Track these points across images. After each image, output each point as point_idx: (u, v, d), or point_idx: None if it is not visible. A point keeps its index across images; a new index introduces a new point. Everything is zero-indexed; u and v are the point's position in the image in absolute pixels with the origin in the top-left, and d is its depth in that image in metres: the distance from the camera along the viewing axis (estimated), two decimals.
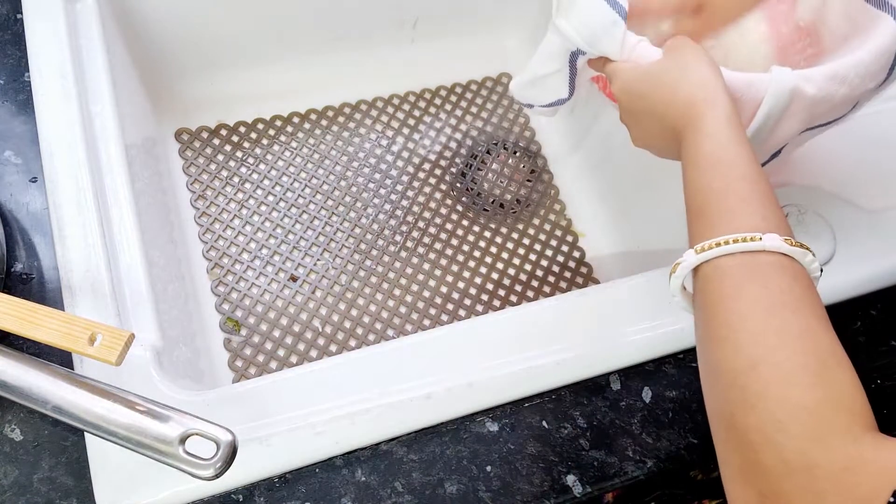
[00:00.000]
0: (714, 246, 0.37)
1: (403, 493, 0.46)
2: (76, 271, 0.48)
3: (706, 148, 0.40)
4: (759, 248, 0.36)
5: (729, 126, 0.40)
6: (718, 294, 0.37)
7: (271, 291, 0.72)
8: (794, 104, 0.46)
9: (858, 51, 0.48)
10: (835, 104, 0.48)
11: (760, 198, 0.38)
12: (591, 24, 0.47)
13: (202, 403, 0.45)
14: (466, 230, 0.78)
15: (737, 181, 0.38)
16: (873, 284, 0.57)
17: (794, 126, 0.48)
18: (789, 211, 0.57)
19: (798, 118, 0.47)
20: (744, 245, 0.36)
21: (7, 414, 0.45)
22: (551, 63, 0.53)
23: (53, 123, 0.53)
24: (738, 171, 0.39)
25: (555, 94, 0.56)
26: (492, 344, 0.50)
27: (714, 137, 0.40)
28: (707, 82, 0.42)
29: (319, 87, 0.82)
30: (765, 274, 0.36)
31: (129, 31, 0.68)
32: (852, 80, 0.47)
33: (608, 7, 0.47)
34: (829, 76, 0.46)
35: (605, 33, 0.47)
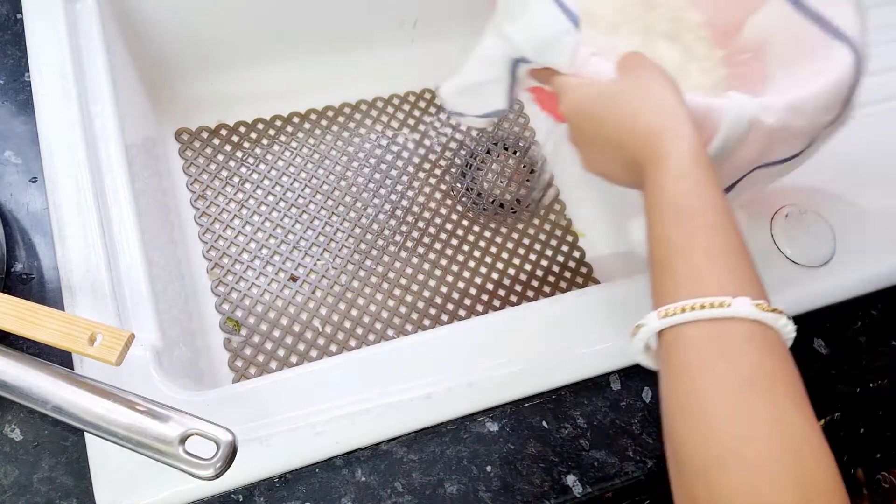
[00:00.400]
0: (678, 311, 0.33)
1: (403, 493, 0.46)
2: (76, 271, 0.48)
3: (670, 192, 0.36)
4: (728, 315, 0.32)
5: (696, 165, 0.36)
6: (683, 369, 0.33)
7: (271, 291, 0.72)
8: (753, 133, 0.43)
9: (816, 82, 0.46)
10: (792, 136, 0.46)
11: (730, 252, 0.34)
12: (541, 31, 0.43)
13: (202, 403, 0.45)
14: (466, 230, 0.78)
15: (704, 232, 0.35)
16: (873, 284, 0.57)
17: (750, 155, 0.45)
18: (789, 211, 0.57)
19: (755, 148, 0.45)
20: (710, 312, 0.32)
21: (7, 414, 0.45)
22: (489, 70, 0.49)
23: (53, 123, 0.53)
24: (705, 219, 0.35)
25: (490, 104, 0.51)
26: (492, 344, 0.50)
27: (679, 180, 0.36)
28: (670, 110, 0.38)
29: (319, 87, 0.82)
30: (733, 347, 0.32)
31: (129, 31, 0.68)
32: (810, 113, 0.45)
33: (561, 13, 0.43)
34: (789, 107, 0.44)
35: (557, 41, 0.43)
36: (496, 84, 0.49)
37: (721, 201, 0.35)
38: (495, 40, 0.46)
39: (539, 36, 0.43)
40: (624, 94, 0.40)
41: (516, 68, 0.47)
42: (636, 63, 0.41)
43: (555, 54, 0.43)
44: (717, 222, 0.35)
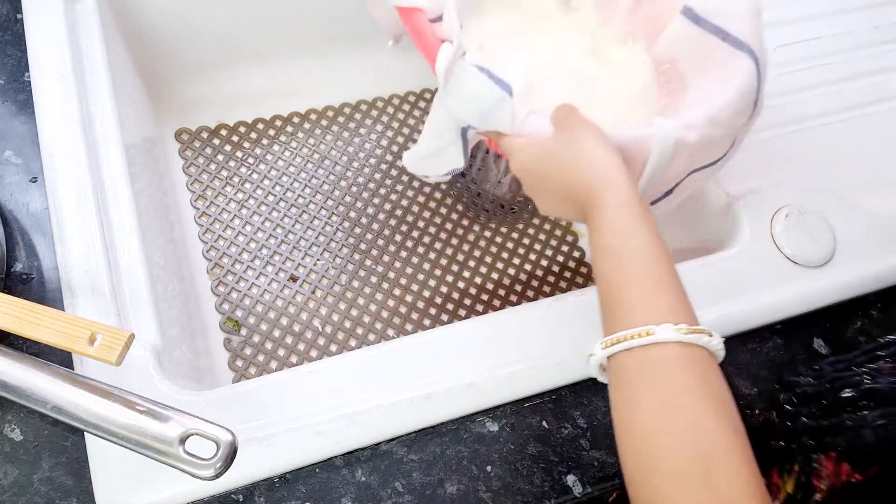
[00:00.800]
0: (614, 343, 0.38)
1: (403, 493, 0.46)
2: (76, 271, 0.48)
3: (606, 236, 0.41)
4: (654, 341, 0.36)
5: (628, 208, 0.41)
6: (618, 393, 0.38)
7: (271, 291, 0.72)
8: (679, 150, 0.48)
9: (723, 94, 0.51)
10: (713, 144, 0.52)
11: (658, 285, 0.39)
12: (480, 103, 0.48)
13: (202, 403, 0.45)
14: (466, 230, 0.78)
15: (634, 270, 0.39)
16: (873, 284, 0.57)
17: (679, 169, 0.51)
18: (789, 211, 0.57)
19: (683, 160, 0.50)
20: (638, 341, 0.37)
21: (7, 414, 0.45)
22: (443, 137, 0.53)
23: (53, 123, 0.53)
24: (635, 257, 0.40)
25: (449, 164, 0.56)
26: (492, 344, 0.50)
27: (613, 224, 0.41)
28: (603, 162, 0.43)
29: (319, 87, 0.82)
30: (657, 370, 0.36)
31: (129, 31, 0.68)
32: (725, 122, 0.50)
33: (494, 85, 0.47)
34: (707, 121, 0.49)
35: (495, 110, 0.48)
36: (451, 147, 0.54)
37: (650, 238, 0.40)
38: (443, 112, 0.51)
39: (479, 107, 0.48)
40: (562, 152, 0.45)
41: (466, 132, 0.52)
42: (567, 116, 0.46)
43: (496, 120, 0.48)
44: (645, 260, 0.39)
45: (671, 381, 0.36)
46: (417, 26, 0.50)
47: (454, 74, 0.48)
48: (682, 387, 0.36)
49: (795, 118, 0.64)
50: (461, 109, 0.49)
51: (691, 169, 0.54)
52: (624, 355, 0.38)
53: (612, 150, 0.44)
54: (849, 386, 0.43)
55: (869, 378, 0.41)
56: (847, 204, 0.59)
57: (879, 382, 0.41)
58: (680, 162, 0.50)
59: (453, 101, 0.49)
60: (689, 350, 0.37)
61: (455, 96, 0.49)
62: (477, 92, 0.48)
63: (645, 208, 0.41)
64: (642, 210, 0.41)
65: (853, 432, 0.40)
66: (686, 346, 0.36)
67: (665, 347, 0.36)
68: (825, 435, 0.42)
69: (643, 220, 0.41)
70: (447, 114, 0.51)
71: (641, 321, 0.37)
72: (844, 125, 0.64)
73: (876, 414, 0.39)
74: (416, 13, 0.50)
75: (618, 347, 0.37)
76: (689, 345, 0.37)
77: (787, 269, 0.55)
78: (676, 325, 0.37)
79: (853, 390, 0.42)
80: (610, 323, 0.40)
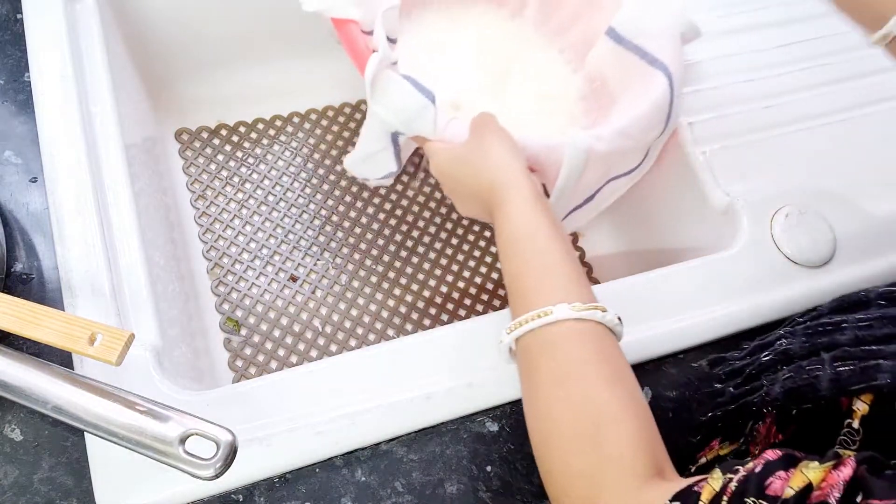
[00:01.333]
0: (517, 326, 0.41)
1: (403, 493, 0.46)
2: (76, 271, 0.48)
3: (507, 231, 0.44)
4: (552, 320, 0.39)
5: (527, 205, 0.44)
6: (523, 370, 0.41)
7: (271, 291, 0.72)
8: (591, 159, 0.52)
9: (638, 107, 0.55)
10: (625, 154, 0.57)
11: (554, 270, 0.42)
12: (404, 110, 0.51)
13: (202, 403, 0.45)
14: (466, 230, 0.78)
15: (533, 259, 0.42)
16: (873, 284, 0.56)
17: (594, 177, 0.56)
18: (789, 211, 0.58)
19: (596, 170, 0.55)
20: (538, 322, 0.40)
21: (7, 414, 0.45)
22: (377, 142, 0.57)
23: (53, 123, 0.53)
24: (532, 247, 0.43)
25: (385, 167, 0.60)
26: (492, 343, 0.50)
27: (512, 220, 0.44)
28: (506, 165, 0.46)
29: (319, 87, 0.82)
30: (555, 346, 0.39)
31: (129, 31, 0.68)
32: (635, 134, 0.55)
33: (418, 93, 0.51)
34: (617, 132, 0.53)
35: (418, 116, 0.51)
36: (385, 152, 0.57)
37: (547, 229, 0.43)
38: (374, 120, 0.54)
39: (403, 113, 0.51)
40: (471, 155, 0.49)
41: (397, 138, 0.55)
42: (481, 124, 0.50)
43: (419, 126, 0.52)
44: (543, 248, 0.43)
45: (568, 355, 0.39)
46: (350, 36, 0.53)
47: (380, 82, 0.51)
48: (577, 359, 0.39)
49: (795, 118, 0.64)
50: (388, 116, 0.52)
51: (609, 177, 0.59)
52: (527, 337, 0.40)
53: (517, 156, 0.47)
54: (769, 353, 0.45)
55: (785, 341, 0.43)
56: (847, 204, 0.59)
57: (793, 344, 0.43)
58: (594, 170, 0.54)
59: (379, 108, 0.52)
60: (584, 325, 0.39)
61: (381, 104, 0.52)
62: (401, 99, 0.51)
63: (543, 205, 0.45)
64: (541, 206, 0.44)
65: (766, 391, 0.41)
66: (582, 322, 0.39)
67: (562, 325, 0.39)
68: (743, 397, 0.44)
69: (541, 214, 0.44)
70: (377, 120, 0.53)
71: (540, 304, 0.40)
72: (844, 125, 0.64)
73: (785, 371, 0.41)
74: (350, 24, 0.53)
75: (521, 330, 0.40)
76: (584, 321, 0.39)
77: (787, 269, 0.55)
78: (571, 303, 0.39)
79: (771, 354, 0.44)
80: (514, 309, 0.42)
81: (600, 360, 0.39)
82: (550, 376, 0.39)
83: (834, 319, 0.42)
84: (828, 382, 0.38)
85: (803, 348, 0.42)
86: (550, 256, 0.42)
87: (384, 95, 0.51)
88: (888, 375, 0.35)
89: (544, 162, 0.52)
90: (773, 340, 0.46)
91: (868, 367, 0.37)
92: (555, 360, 0.39)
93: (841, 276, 0.56)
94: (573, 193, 0.56)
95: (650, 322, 0.52)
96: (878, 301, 0.42)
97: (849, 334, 0.40)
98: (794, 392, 0.40)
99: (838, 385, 0.37)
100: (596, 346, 0.39)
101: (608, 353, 0.39)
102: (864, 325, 0.40)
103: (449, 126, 0.51)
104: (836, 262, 0.56)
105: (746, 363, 0.47)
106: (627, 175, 0.60)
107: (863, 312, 0.41)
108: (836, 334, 0.41)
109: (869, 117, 0.64)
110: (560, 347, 0.39)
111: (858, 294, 0.43)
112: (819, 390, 0.38)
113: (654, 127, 0.56)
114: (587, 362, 0.38)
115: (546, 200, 0.46)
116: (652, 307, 0.53)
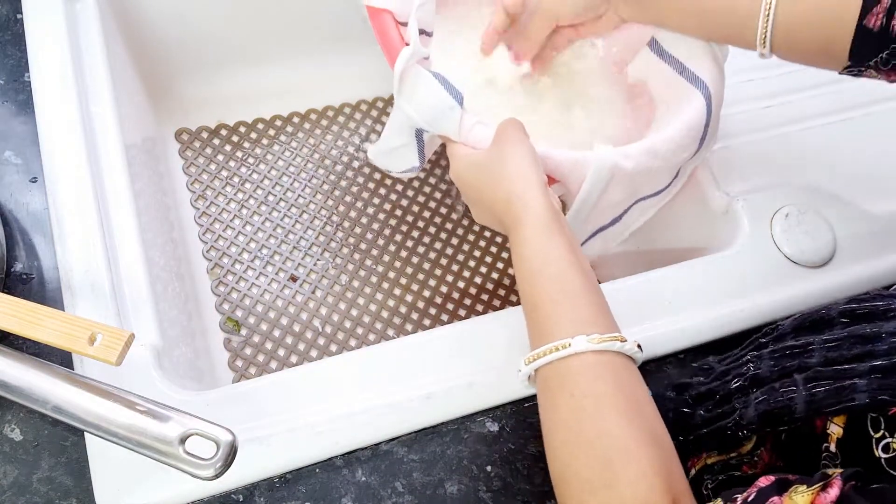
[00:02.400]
0: (535, 358, 0.40)
1: (404, 493, 0.46)
2: (76, 271, 0.48)
3: (523, 253, 0.43)
4: (570, 353, 0.38)
5: (542, 227, 0.43)
6: (542, 404, 0.41)
7: (271, 291, 0.72)
8: (616, 178, 0.51)
9: (670, 126, 0.53)
10: (653, 174, 0.54)
11: (573, 298, 0.41)
12: (431, 108, 0.50)
13: (202, 403, 0.45)
14: (466, 230, 0.78)
15: (549, 285, 0.41)
16: (873, 284, 0.57)
17: (617, 196, 0.53)
18: (789, 211, 0.58)
19: (620, 189, 0.53)
20: (556, 354, 0.39)
21: (7, 414, 0.45)
22: (400, 137, 0.56)
23: (53, 123, 0.53)
24: (548, 273, 0.42)
25: (408, 162, 0.59)
26: (492, 343, 0.50)
27: (529, 242, 0.43)
28: (523, 178, 0.45)
29: (319, 87, 0.82)
30: (572, 379, 0.39)
31: (129, 31, 0.68)
32: (664, 154, 0.52)
33: (446, 93, 0.50)
34: (644, 151, 0.51)
35: (443, 117, 0.50)
36: (408, 147, 0.56)
37: (563, 254, 0.42)
38: (400, 114, 0.53)
39: (430, 112, 0.50)
40: (490, 164, 0.47)
41: (421, 135, 0.54)
42: (506, 131, 0.48)
43: (444, 126, 0.51)
44: (558, 275, 0.41)
45: (584, 390, 0.38)
46: (383, 27, 0.52)
47: (409, 78, 0.50)
48: (594, 394, 0.38)
49: (795, 118, 0.64)
50: (413, 113, 0.51)
51: (637, 197, 0.56)
52: (546, 368, 0.40)
53: (537, 169, 0.45)
54: (737, 377, 0.44)
55: (752, 365, 0.43)
56: (847, 204, 0.59)
57: (761, 368, 0.42)
58: (619, 188, 0.52)
59: (406, 104, 0.51)
60: (603, 357, 0.39)
61: (408, 99, 0.51)
62: (428, 97, 0.50)
63: (558, 225, 0.43)
64: (558, 227, 0.43)
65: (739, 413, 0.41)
66: (600, 354, 0.39)
67: (580, 358, 0.38)
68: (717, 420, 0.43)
69: (558, 237, 0.43)
70: (403, 115, 0.53)
71: (558, 335, 0.39)
72: (844, 125, 0.64)
73: (757, 393, 0.41)
74: (384, 14, 0.52)
75: (539, 362, 0.40)
76: (603, 352, 0.39)
77: (787, 269, 0.56)
78: (589, 335, 0.38)
79: (740, 380, 0.44)
80: (532, 338, 0.42)
81: (617, 393, 0.38)
82: (567, 412, 0.38)
83: (800, 341, 0.41)
84: (803, 404, 0.37)
85: (773, 372, 0.41)
86: (567, 284, 0.41)
87: (412, 92, 0.51)
88: (866, 395, 0.35)
89: (568, 175, 0.51)
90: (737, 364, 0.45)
91: (843, 388, 0.36)
92: (572, 396, 0.38)
93: (841, 276, 0.56)
94: (599, 212, 0.55)
95: (650, 322, 0.52)
96: (841, 319, 0.41)
97: (818, 356, 0.39)
98: (768, 415, 0.39)
99: (814, 406, 0.37)
100: (613, 378, 0.38)
101: (626, 385, 0.39)
102: (831, 345, 0.39)
103: (473, 130, 0.50)
104: (836, 262, 0.56)
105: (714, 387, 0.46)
106: (656, 196, 0.58)
107: (828, 332, 0.41)
108: (805, 357, 0.40)
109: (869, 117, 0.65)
110: (577, 382, 0.38)
111: (819, 312, 0.43)
112: (794, 412, 0.38)
113: (686, 148, 0.54)
114: (604, 396, 0.38)
115: (563, 220, 0.44)
116: (652, 307, 0.53)
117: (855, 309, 0.41)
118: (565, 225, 0.44)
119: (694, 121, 0.54)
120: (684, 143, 0.53)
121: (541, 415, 0.41)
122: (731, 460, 0.44)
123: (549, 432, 0.39)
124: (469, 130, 0.50)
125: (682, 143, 0.53)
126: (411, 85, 0.50)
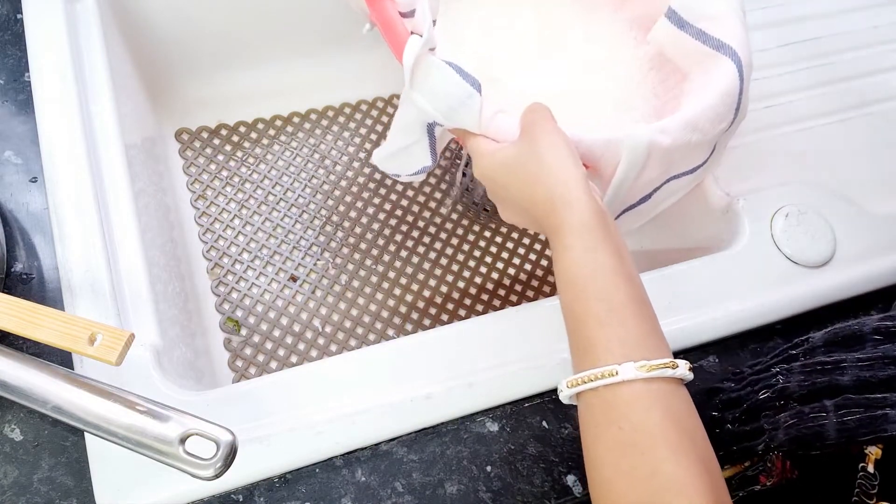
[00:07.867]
0: (579, 382, 0.37)
1: (404, 493, 0.46)
2: (76, 271, 0.48)
3: (565, 262, 0.40)
4: (617, 381, 0.36)
5: (587, 232, 0.39)
6: (585, 432, 0.38)
7: (271, 291, 0.72)
8: (653, 154, 0.47)
9: (706, 97, 0.49)
10: (691, 149, 0.50)
11: (617, 318, 0.38)
12: (448, 97, 0.46)
13: (202, 403, 0.45)
14: (466, 230, 0.78)
15: (595, 304, 0.38)
16: (873, 284, 0.57)
17: (654, 174, 0.49)
18: (789, 211, 0.58)
19: (657, 167, 0.48)
20: (601, 381, 0.36)
21: (7, 414, 0.45)
22: (410, 134, 0.52)
23: (53, 123, 0.53)
24: (595, 288, 0.38)
25: (419, 162, 0.55)
26: (492, 344, 0.50)
27: (572, 250, 0.39)
28: (562, 176, 0.41)
29: (320, 87, 0.82)
30: (621, 412, 0.36)
31: (129, 31, 0.68)
32: (703, 126, 0.49)
33: (462, 81, 0.46)
34: (683, 125, 0.48)
35: (461, 106, 0.46)
36: (419, 145, 0.52)
37: (611, 264, 0.39)
38: (410, 108, 0.49)
39: (445, 102, 0.46)
40: (525, 163, 0.43)
41: (433, 129, 0.50)
42: (533, 122, 0.43)
43: (462, 117, 0.46)
44: (605, 290, 0.38)
45: (634, 424, 0.36)
46: (386, 16, 0.48)
47: (421, 68, 0.46)
48: (644, 428, 0.35)
49: (795, 118, 0.64)
50: (427, 105, 0.47)
51: (669, 175, 0.52)
52: (590, 394, 0.37)
53: (576, 163, 0.42)
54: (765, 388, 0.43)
55: (782, 378, 0.42)
56: (847, 204, 0.59)
57: (790, 382, 0.41)
58: (655, 167, 0.48)
59: (418, 96, 0.47)
60: (653, 386, 0.36)
61: (421, 91, 0.47)
62: (444, 87, 0.46)
63: (606, 229, 0.40)
64: (604, 232, 0.40)
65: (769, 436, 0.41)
66: (650, 382, 0.36)
67: (629, 386, 0.36)
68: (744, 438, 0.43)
69: (604, 245, 0.39)
70: (413, 109, 0.49)
71: (604, 360, 0.37)
72: (844, 125, 0.64)
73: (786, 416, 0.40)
74: (386, 2, 0.48)
75: (582, 387, 0.37)
76: (653, 380, 0.36)
77: (787, 269, 0.56)
78: (638, 362, 0.36)
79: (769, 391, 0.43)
80: (576, 358, 0.39)
81: (668, 425, 0.35)
82: (615, 445, 0.36)
83: (831, 357, 0.40)
84: (835, 432, 0.37)
85: (802, 387, 0.40)
86: (615, 300, 0.38)
87: (425, 82, 0.46)
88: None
89: (599, 158, 0.47)
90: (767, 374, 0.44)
91: (875, 417, 0.35)
92: (619, 429, 0.36)
93: (841, 276, 0.56)
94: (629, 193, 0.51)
95: None
96: (873, 336, 0.40)
97: (850, 375, 0.38)
98: (799, 440, 0.38)
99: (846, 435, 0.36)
100: (664, 408, 0.36)
101: (677, 415, 0.36)
102: (864, 365, 0.38)
103: (495, 119, 0.46)
104: (836, 262, 0.56)
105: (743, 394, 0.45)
106: (691, 173, 0.53)
107: (860, 350, 0.40)
108: (836, 374, 0.39)
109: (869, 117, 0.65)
110: (625, 414, 0.36)
111: (852, 327, 0.41)
112: (826, 439, 0.37)
113: (724, 118, 0.50)
114: (655, 428, 0.35)
115: (609, 221, 0.41)
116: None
117: (889, 326, 0.40)
118: (612, 225, 0.41)
119: (727, 88, 0.50)
120: (721, 112, 0.49)
121: (583, 440, 0.38)
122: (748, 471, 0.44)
123: (595, 464, 0.37)
124: (490, 120, 0.46)
125: (720, 113, 0.49)
126: (424, 74, 0.46)
